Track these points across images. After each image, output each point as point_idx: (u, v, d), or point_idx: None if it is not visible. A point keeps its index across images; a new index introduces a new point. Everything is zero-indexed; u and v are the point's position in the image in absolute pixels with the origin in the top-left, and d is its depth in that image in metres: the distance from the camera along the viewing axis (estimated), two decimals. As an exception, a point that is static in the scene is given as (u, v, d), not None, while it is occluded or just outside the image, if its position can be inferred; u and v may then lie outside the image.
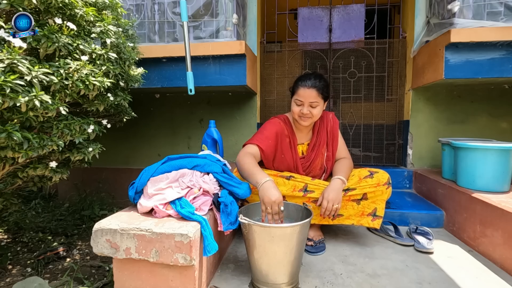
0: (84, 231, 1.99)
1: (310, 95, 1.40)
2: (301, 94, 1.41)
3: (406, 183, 2.31)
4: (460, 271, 1.25)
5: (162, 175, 1.20)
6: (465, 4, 1.73)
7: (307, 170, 1.55)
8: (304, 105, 1.42)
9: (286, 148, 1.52)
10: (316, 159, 1.55)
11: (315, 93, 1.40)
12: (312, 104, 1.41)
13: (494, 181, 1.52)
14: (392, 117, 2.52)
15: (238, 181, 1.29)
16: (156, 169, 1.22)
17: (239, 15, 2.03)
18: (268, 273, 1.08)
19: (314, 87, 1.39)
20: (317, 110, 1.43)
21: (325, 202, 1.32)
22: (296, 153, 1.54)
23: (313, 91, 1.39)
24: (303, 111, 1.42)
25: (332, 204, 1.32)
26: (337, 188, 1.36)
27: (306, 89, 1.40)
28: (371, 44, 2.49)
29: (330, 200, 1.32)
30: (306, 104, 1.41)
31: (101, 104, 1.34)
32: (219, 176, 1.27)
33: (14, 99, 0.91)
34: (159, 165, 1.24)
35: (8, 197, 1.38)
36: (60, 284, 1.28)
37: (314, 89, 1.39)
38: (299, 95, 1.42)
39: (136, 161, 2.62)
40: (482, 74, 1.80)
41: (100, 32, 1.29)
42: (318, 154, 1.55)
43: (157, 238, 0.98)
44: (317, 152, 1.55)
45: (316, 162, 1.55)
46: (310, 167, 1.55)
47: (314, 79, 1.41)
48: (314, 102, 1.40)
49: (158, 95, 2.53)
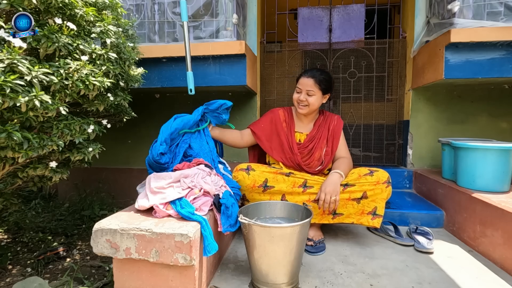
0: (84, 231, 1.99)
1: (307, 84, 1.54)
2: (301, 82, 1.57)
3: (406, 183, 2.31)
4: (460, 271, 1.26)
5: (166, 173, 1.20)
6: (465, 4, 1.73)
7: (304, 158, 1.60)
8: (302, 92, 1.56)
9: (281, 130, 1.63)
10: (315, 151, 1.60)
11: (312, 82, 1.53)
12: (309, 92, 1.54)
13: (494, 181, 1.52)
14: (392, 117, 2.52)
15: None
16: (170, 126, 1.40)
17: (239, 15, 2.03)
18: (268, 273, 1.08)
19: (312, 77, 1.54)
20: (313, 99, 1.55)
21: (323, 194, 1.36)
22: (292, 136, 1.62)
23: (310, 80, 1.54)
24: (300, 98, 1.56)
25: (330, 196, 1.35)
26: (334, 181, 1.39)
27: (305, 78, 1.56)
28: (371, 44, 2.49)
29: (328, 192, 1.36)
30: (303, 91, 1.55)
31: (101, 104, 1.34)
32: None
33: (14, 99, 0.91)
34: (172, 122, 1.42)
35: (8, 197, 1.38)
36: (60, 284, 1.28)
37: (311, 79, 1.54)
38: (299, 83, 1.58)
39: (136, 161, 2.61)
40: (482, 74, 1.80)
41: (100, 32, 1.29)
42: (318, 147, 1.60)
43: (157, 238, 0.98)
44: (317, 145, 1.60)
45: (315, 154, 1.59)
46: (308, 156, 1.60)
47: (316, 71, 1.56)
48: (310, 90, 1.54)
49: (158, 95, 2.53)
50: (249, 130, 1.65)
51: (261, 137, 1.63)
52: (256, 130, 1.63)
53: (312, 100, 1.54)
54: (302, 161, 1.58)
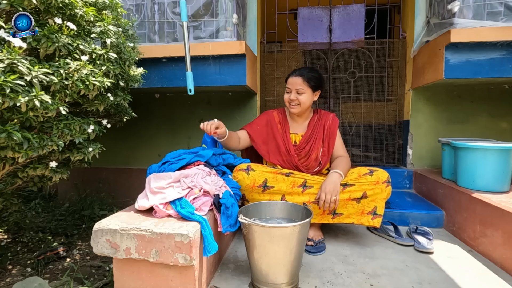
0: (84, 231, 1.99)
1: (296, 82, 1.54)
2: (289, 82, 1.58)
3: (406, 183, 2.31)
4: (460, 271, 1.26)
5: (166, 173, 1.20)
6: (465, 4, 1.73)
7: (302, 160, 1.60)
8: (292, 92, 1.56)
9: (277, 132, 1.63)
10: (312, 152, 1.60)
11: (300, 80, 1.54)
12: (299, 91, 1.54)
13: (494, 181, 1.52)
14: (392, 117, 2.52)
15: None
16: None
17: (239, 15, 2.03)
18: (268, 273, 1.08)
19: (300, 75, 1.54)
20: (303, 97, 1.55)
21: (323, 194, 1.36)
22: (287, 138, 1.62)
23: (299, 78, 1.54)
24: (291, 97, 1.56)
25: (330, 195, 1.35)
26: (334, 180, 1.40)
27: (293, 77, 1.56)
28: (371, 44, 2.49)
29: (328, 191, 1.36)
30: (293, 90, 1.56)
31: (101, 104, 1.34)
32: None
33: (14, 99, 0.91)
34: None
35: (8, 197, 1.38)
36: (60, 284, 1.28)
37: (299, 77, 1.54)
38: (288, 83, 1.59)
39: (136, 161, 2.62)
40: (482, 74, 1.80)
41: (100, 32, 1.29)
42: (314, 148, 1.60)
43: (157, 238, 0.98)
44: (313, 146, 1.60)
45: (312, 155, 1.60)
46: (306, 158, 1.60)
47: (303, 70, 1.57)
48: (300, 88, 1.54)
49: (158, 95, 2.53)
50: (246, 133, 1.63)
51: (257, 141, 1.63)
52: (252, 134, 1.63)
53: (303, 99, 1.54)
54: (299, 162, 1.58)
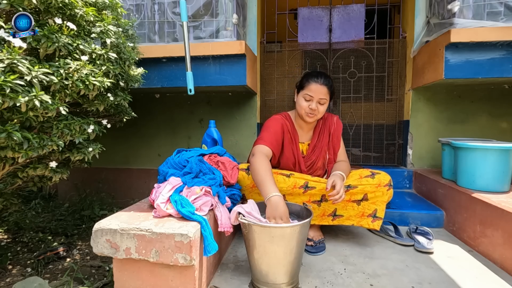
0: (84, 231, 1.99)
1: (321, 92, 1.40)
2: (313, 89, 1.40)
3: (406, 183, 2.31)
4: (460, 271, 1.25)
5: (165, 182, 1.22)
6: (465, 4, 1.73)
7: (310, 171, 1.55)
8: (313, 101, 1.41)
9: (288, 144, 1.51)
10: (318, 161, 1.54)
11: (326, 90, 1.41)
12: (321, 101, 1.42)
13: (494, 181, 1.52)
14: (392, 117, 2.52)
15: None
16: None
17: (239, 15, 2.03)
18: (268, 273, 1.08)
19: (326, 84, 1.41)
20: (323, 108, 1.44)
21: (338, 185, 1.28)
22: (297, 149, 1.52)
23: (324, 88, 1.40)
24: (311, 106, 1.41)
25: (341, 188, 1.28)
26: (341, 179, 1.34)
27: (319, 85, 1.40)
28: (371, 44, 2.49)
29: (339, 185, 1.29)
30: (315, 99, 1.41)
31: (101, 104, 1.34)
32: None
33: (14, 99, 0.91)
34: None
35: (8, 197, 1.38)
36: (60, 284, 1.28)
37: (325, 87, 1.40)
38: (311, 90, 1.41)
39: (136, 161, 2.62)
40: (482, 74, 1.80)
41: (100, 32, 1.29)
42: (320, 157, 1.54)
43: (157, 238, 0.98)
44: (319, 154, 1.54)
45: (319, 164, 1.55)
46: (313, 167, 1.55)
47: (326, 78, 1.42)
48: (323, 99, 1.41)
49: (158, 95, 2.53)
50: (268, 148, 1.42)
51: (276, 154, 1.49)
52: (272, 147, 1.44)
53: (322, 109, 1.43)
54: (306, 170, 1.54)
